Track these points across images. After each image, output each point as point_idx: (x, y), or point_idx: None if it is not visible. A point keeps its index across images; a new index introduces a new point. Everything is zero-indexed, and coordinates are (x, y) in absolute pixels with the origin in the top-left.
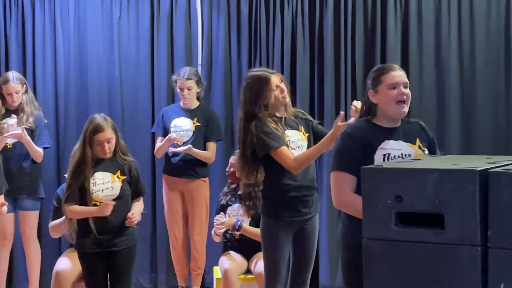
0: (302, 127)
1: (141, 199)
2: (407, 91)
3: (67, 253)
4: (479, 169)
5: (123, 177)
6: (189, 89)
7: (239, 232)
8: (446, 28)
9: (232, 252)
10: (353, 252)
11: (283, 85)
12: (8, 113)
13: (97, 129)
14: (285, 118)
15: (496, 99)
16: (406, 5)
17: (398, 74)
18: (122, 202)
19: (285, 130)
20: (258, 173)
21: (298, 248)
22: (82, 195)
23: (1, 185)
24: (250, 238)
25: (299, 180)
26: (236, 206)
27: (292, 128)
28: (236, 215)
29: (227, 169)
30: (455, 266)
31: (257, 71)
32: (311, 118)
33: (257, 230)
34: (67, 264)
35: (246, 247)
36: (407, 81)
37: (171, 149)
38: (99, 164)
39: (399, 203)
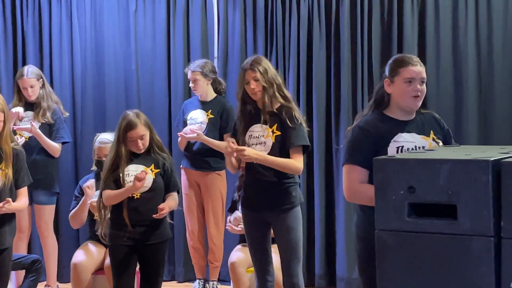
0: (276, 124)
1: (175, 194)
2: (423, 87)
3: (85, 245)
4: (492, 159)
5: (157, 170)
6: (195, 81)
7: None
8: (463, 18)
9: (244, 244)
10: (367, 243)
11: (254, 84)
12: (27, 107)
13: (129, 126)
14: (264, 112)
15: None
16: (423, 2)
17: (417, 70)
18: (154, 194)
19: (251, 124)
20: None
21: None
22: (117, 188)
23: (24, 177)
24: None
25: None
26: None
27: (264, 123)
28: None
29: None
30: (468, 257)
31: (249, 58)
32: (296, 116)
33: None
34: (85, 256)
35: None
36: (424, 76)
37: (180, 134)
38: (135, 158)
39: (412, 194)
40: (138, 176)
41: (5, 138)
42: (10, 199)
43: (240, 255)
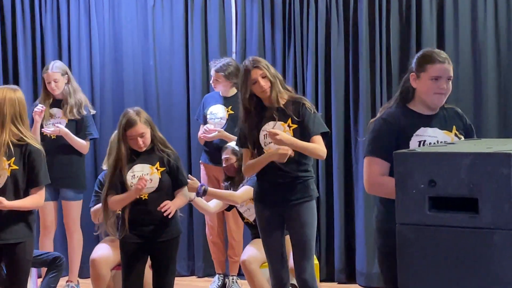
0: (290, 118)
1: (184, 189)
2: (449, 85)
3: (104, 241)
4: None
5: (162, 169)
6: (216, 81)
7: (204, 197)
8: (482, 11)
9: (256, 240)
10: (387, 237)
11: (262, 81)
12: (55, 104)
13: (129, 124)
14: (274, 108)
15: None
16: None
17: (444, 68)
18: (162, 193)
19: (262, 124)
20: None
21: None
22: (123, 189)
23: (42, 178)
24: None
25: None
26: (241, 189)
27: (277, 120)
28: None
29: (223, 164)
30: (490, 250)
31: (247, 60)
32: (308, 107)
33: (224, 192)
34: (104, 252)
35: None
36: (451, 74)
37: (202, 135)
38: (139, 156)
39: (433, 187)
40: (138, 187)
41: (8, 132)
42: (2, 198)
43: (252, 252)
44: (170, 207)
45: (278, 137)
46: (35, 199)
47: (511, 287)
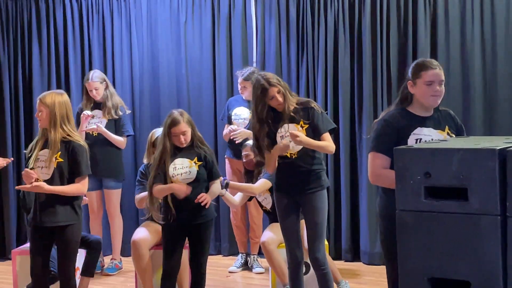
0: (302, 120)
1: (217, 181)
2: (442, 88)
3: (144, 225)
4: (498, 148)
5: (200, 163)
6: (244, 88)
7: (227, 190)
8: (470, 26)
9: (274, 224)
10: (388, 221)
11: (279, 96)
12: (96, 106)
13: (173, 123)
14: (286, 114)
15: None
16: (434, 6)
17: (436, 73)
18: (199, 184)
19: (277, 129)
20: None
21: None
22: (165, 179)
23: (84, 169)
24: None
25: None
26: (259, 182)
27: (290, 121)
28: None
29: (244, 160)
30: (478, 233)
31: (260, 78)
32: (316, 109)
33: (244, 185)
34: (143, 234)
35: None
36: (443, 78)
37: (232, 135)
38: (180, 151)
39: (428, 178)
40: (185, 190)
41: (60, 131)
42: (43, 183)
43: (270, 234)
44: (206, 198)
45: (299, 139)
46: (77, 187)
47: (495, 264)
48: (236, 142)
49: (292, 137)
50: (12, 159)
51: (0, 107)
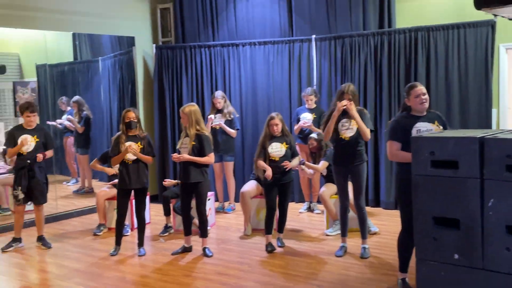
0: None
1: (296, 158)
2: (426, 96)
3: (249, 183)
4: (478, 136)
5: (287, 146)
6: (309, 100)
7: (304, 166)
8: (451, 60)
9: (328, 184)
10: (401, 183)
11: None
12: (218, 111)
13: (270, 118)
14: (347, 112)
15: (479, 100)
16: (428, 48)
17: (419, 89)
18: (285, 158)
19: (339, 120)
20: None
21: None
22: (265, 154)
23: (207, 149)
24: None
25: None
26: (321, 163)
27: (348, 119)
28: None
29: (309, 146)
30: (464, 189)
31: (345, 86)
32: (365, 113)
33: (312, 165)
34: (248, 188)
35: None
36: (425, 91)
37: (302, 124)
38: (274, 138)
39: (432, 155)
40: (268, 174)
41: (195, 128)
42: (185, 154)
43: (325, 189)
44: (288, 165)
45: (351, 107)
46: (206, 159)
47: (475, 208)
48: (306, 131)
49: (348, 106)
50: None
51: (163, 114)
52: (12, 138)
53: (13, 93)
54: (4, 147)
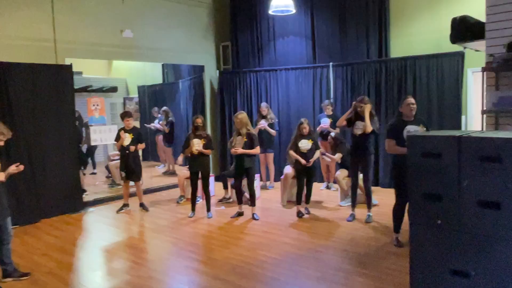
0: (310, 139)
1: (318, 151)
2: (414, 105)
3: (287, 167)
4: (457, 135)
5: (312, 142)
6: (327, 109)
7: (324, 156)
8: (432, 82)
9: (342, 169)
10: (395, 168)
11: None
12: (263, 117)
13: (300, 122)
14: (362, 116)
15: (453, 109)
16: (414, 70)
17: (409, 100)
18: (311, 150)
19: (356, 120)
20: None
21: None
22: (297, 148)
23: (255, 143)
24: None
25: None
26: (336, 155)
27: (363, 120)
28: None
29: (328, 142)
30: (446, 171)
31: (363, 98)
32: (374, 117)
33: (332, 156)
34: (289, 171)
35: (346, 167)
36: (414, 102)
37: (322, 126)
38: (303, 136)
39: (423, 148)
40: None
41: (245, 128)
42: (239, 148)
43: (339, 173)
44: (311, 162)
45: (367, 108)
46: (254, 151)
47: (454, 185)
48: (324, 132)
49: (365, 107)
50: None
51: (223, 119)
52: (118, 135)
53: (123, 106)
54: (115, 142)
